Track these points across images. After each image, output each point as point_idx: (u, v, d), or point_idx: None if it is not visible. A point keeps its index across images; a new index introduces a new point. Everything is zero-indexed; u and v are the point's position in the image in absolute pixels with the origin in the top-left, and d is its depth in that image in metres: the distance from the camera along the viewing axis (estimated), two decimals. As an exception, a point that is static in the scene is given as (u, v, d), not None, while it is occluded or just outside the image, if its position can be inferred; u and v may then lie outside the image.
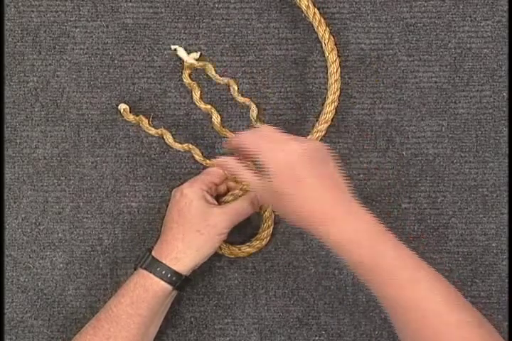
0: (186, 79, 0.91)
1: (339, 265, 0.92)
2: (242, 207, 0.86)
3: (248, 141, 0.79)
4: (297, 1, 0.89)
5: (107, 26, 0.93)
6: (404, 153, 0.93)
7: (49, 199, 0.93)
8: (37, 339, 0.92)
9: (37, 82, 0.93)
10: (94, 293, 0.92)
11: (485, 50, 0.93)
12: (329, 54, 0.89)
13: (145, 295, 0.82)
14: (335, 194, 0.76)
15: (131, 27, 0.93)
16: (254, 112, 0.89)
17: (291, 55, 0.93)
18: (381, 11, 0.93)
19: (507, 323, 0.91)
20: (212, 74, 0.89)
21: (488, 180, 0.93)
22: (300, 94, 0.93)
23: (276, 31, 0.93)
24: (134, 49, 0.93)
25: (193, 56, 0.92)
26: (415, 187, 0.93)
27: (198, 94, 0.90)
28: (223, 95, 0.93)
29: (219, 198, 0.88)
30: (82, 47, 0.93)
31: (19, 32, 0.93)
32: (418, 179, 0.92)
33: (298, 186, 0.75)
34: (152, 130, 0.90)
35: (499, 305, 0.92)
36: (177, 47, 0.92)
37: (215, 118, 0.90)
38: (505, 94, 0.93)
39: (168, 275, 0.83)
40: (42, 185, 0.93)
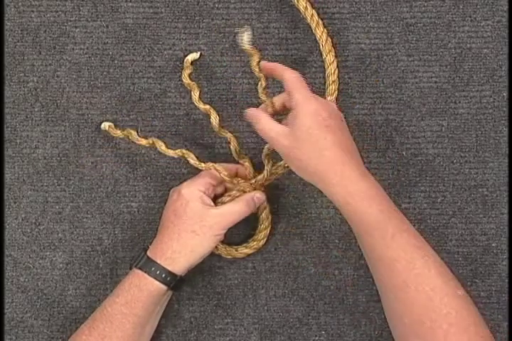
0: (186, 79, 0.91)
1: (339, 265, 0.92)
2: (239, 208, 0.86)
3: (289, 76, 0.81)
4: (295, 3, 0.89)
5: (107, 26, 0.93)
6: (404, 153, 0.93)
7: (49, 199, 0.93)
8: (37, 339, 0.92)
9: (37, 82, 0.93)
10: (94, 293, 0.92)
11: (485, 50, 0.93)
12: (327, 55, 0.89)
13: (140, 294, 0.82)
14: (355, 153, 0.80)
15: (131, 27, 0.93)
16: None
17: (291, 55, 0.93)
18: (381, 11, 0.93)
19: (507, 323, 0.91)
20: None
21: (488, 180, 0.93)
22: (300, 94, 0.93)
23: (276, 31, 0.93)
24: (134, 49, 0.93)
25: (193, 56, 0.92)
26: (415, 187, 0.93)
27: (197, 95, 0.90)
28: (223, 95, 0.93)
29: (216, 199, 0.88)
30: (82, 47, 0.93)
31: (19, 32, 0.93)
32: (418, 179, 0.92)
33: (326, 132, 0.78)
34: (142, 141, 0.89)
35: (499, 305, 0.92)
36: (245, 32, 0.83)
37: (214, 118, 0.90)
38: (505, 94, 0.93)
39: (162, 275, 0.83)
40: (42, 185, 0.93)
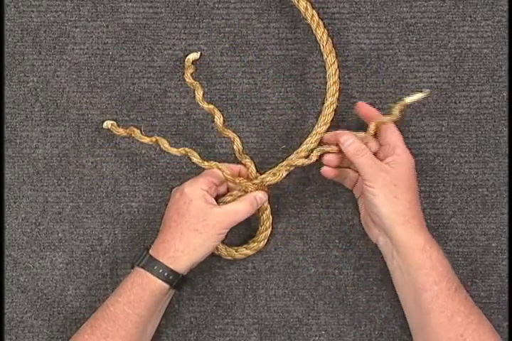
0: (188, 78, 0.89)
1: (339, 265, 0.92)
2: (243, 208, 0.86)
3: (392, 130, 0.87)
4: (296, 3, 0.89)
5: (107, 26, 0.93)
6: (404, 153, 0.93)
7: (49, 199, 0.93)
8: (37, 339, 0.92)
9: (37, 82, 0.93)
10: (94, 293, 0.92)
11: (485, 50, 0.93)
12: (327, 56, 0.88)
13: (142, 294, 0.82)
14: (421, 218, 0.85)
15: (131, 27, 0.93)
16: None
17: (291, 55, 0.93)
18: (381, 11, 0.93)
19: (507, 323, 0.91)
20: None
21: (488, 180, 0.93)
22: (300, 94, 0.93)
23: (276, 31, 0.93)
24: (134, 49, 0.93)
25: (193, 56, 0.92)
26: (415, 187, 0.93)
27: (201, 94, 0.89)
28: (223, 95, 0.93)
29: (218, 199, 0.88)
30: (82, 47, 0.93)
31: (19, 32, 0.93)
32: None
33: (416, 185, 0.85)
34: (146, 138, 0.88)
35: (499, 305, 0.92)
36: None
37: (218, 118, 0.88)
38: (505, 94, 0.93)
39: (165, 274, 0.83)
40: (42, 185, 0.93)
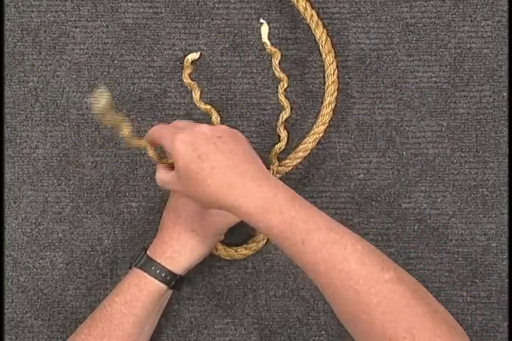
0: (186, 79, 0.91)
1: (339, 265, 0.92)
2: None
3: (152, 131, 0.79)
4: (295, 3, 0.89)
5: (107, 26, 0.93)
6: (404, 153, 0.93)
7: (49, 199, 0.93)
8: (37, 339, 0.92)
9: (37, 82, 0.93)
10: (94, 293, 0.92)
11: (485, 50, 0.93)
12: (326, 56, 0.88)
13: (139, 294, 0.82)
14: (244, 166, 0.74)
15: (131, 27, 0.93)
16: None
17: (291, 55, 0.93)
18: (381, 11, 0.93)
19: (507, 323, 0.91)
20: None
21: (488, 180, 0.93)
22: (300, 94, 0.93)
23: (276, 31, 0.93)
24: (134, 49, 0.93)
25: (193, 56, 0.92)
26: (415, 187, 0.93)
27: (198, 94, 0.90)
28: (223, 95, 0.93)
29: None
30: (82, 47, 0.93)
31: (19, 32, 0.93)
32: (418, 179, 0.92)
33: (200, 162, 0.73)
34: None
35: (499, 305, 0.92)
36: (264, 23, 0.87)
37: (215, 118, 0.90)
38: (505, 94, 0.93)
39: (162, 274, 0.83)
40: (42, 185, 0.93)
